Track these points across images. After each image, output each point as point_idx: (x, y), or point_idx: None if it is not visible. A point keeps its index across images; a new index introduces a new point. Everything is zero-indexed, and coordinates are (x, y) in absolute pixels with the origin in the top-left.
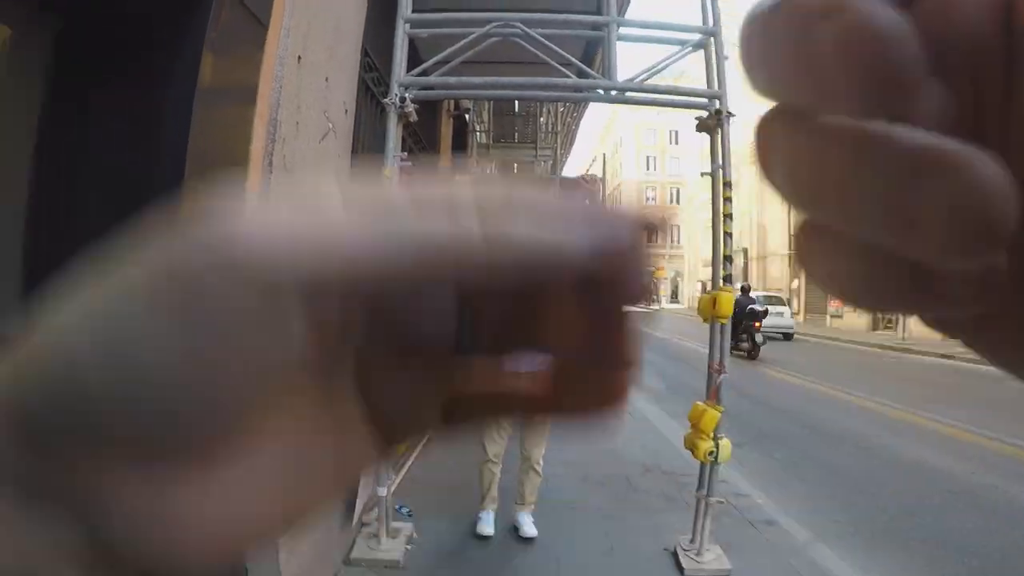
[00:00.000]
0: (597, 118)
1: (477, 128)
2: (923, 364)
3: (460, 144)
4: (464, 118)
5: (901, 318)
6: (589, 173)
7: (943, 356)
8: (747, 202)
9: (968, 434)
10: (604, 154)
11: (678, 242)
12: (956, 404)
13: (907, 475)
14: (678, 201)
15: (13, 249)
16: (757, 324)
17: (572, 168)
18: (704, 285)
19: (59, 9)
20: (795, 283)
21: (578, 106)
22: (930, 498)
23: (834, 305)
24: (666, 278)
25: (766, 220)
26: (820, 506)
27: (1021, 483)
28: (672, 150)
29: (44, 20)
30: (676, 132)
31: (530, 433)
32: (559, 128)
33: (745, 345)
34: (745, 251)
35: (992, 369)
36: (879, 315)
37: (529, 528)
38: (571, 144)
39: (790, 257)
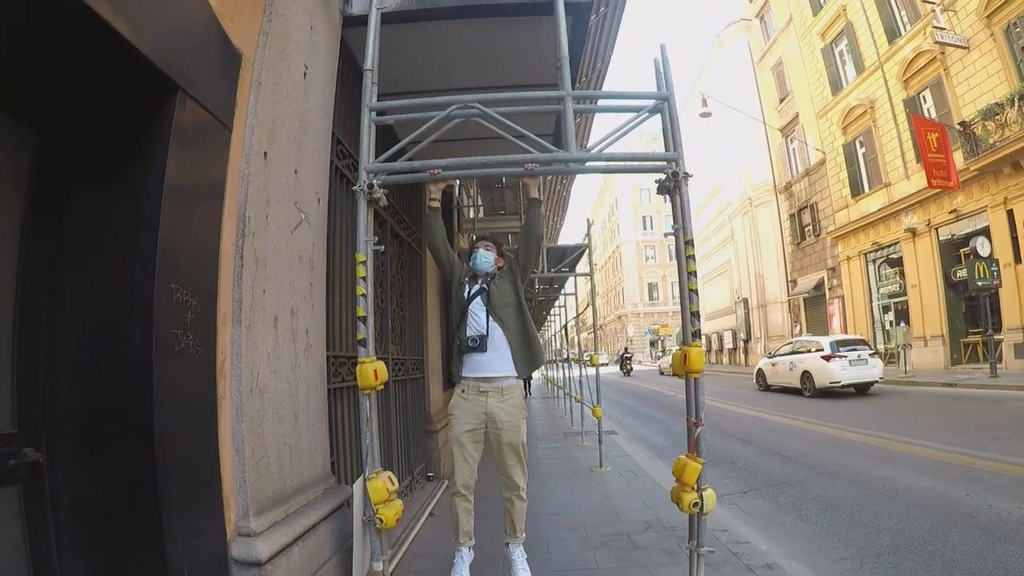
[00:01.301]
0: (592, 183)
1: (467, 203)
2: (923, 394)
3: (448, 220)
4: (451, 194)
5: (903, 353)
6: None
7: (945, 385)
8: (743, 253)
9: (960, 456)
10: (588, 220)
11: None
12: (950, 429)
13: (904, 504)
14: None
15: (1, 346)
16: (628, 362)
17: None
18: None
19: (36, 123)
20: (797, 328)
21: (563, 175)
22: (928, 524)
23: None
24: (671, 335)
25: (763, 269)
26: (824, 545)
27: (1014, 499)
28: (667, 208)
29: (24, 132)
30: None
31: (505, 458)
32: (545, 197)
33: (624, 370)
34: (745, 301)
35: (991, 392)
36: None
37: (522, 572)
38: (563, 211)
39: (789, 304)
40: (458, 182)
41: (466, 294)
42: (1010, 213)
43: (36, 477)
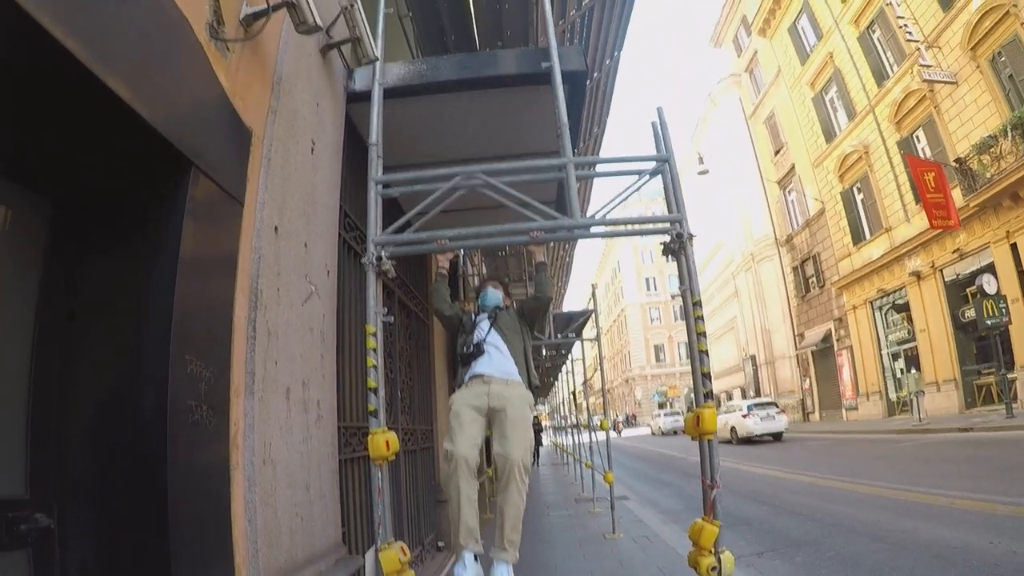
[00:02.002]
0: (594, 247)
1: (471, 271)
2: (939, 441)
3: (453, 289)
4: (456, 263)
5: (916, 400)
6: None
7: (961, 430)
8: (748, 309)
9: (982, 503)
10: (593, 284)
11: (686, 359)
12: (968, 475)
13: (926, 557)
14: (682, 318)
15: (15, 413)
16: (619, 424)
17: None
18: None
19: (49, 191)
20: (806, 383)
21: (566, 241)
22: None
23: (847, 397)
24: (679, 396)
25: (770, 324)
26: None
27: None
28: (671, 268)
29: (38, 201)
30: None
31: (506, 429)
32: (549, 262)
33: (617, 431)
34: (753, 358)
35: (1008, 433)
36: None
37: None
38: (567, 276)
39: (798, 358)
40: (462, 251)
41: (473, 319)
42: (1014, 247)
43: (47, 543)
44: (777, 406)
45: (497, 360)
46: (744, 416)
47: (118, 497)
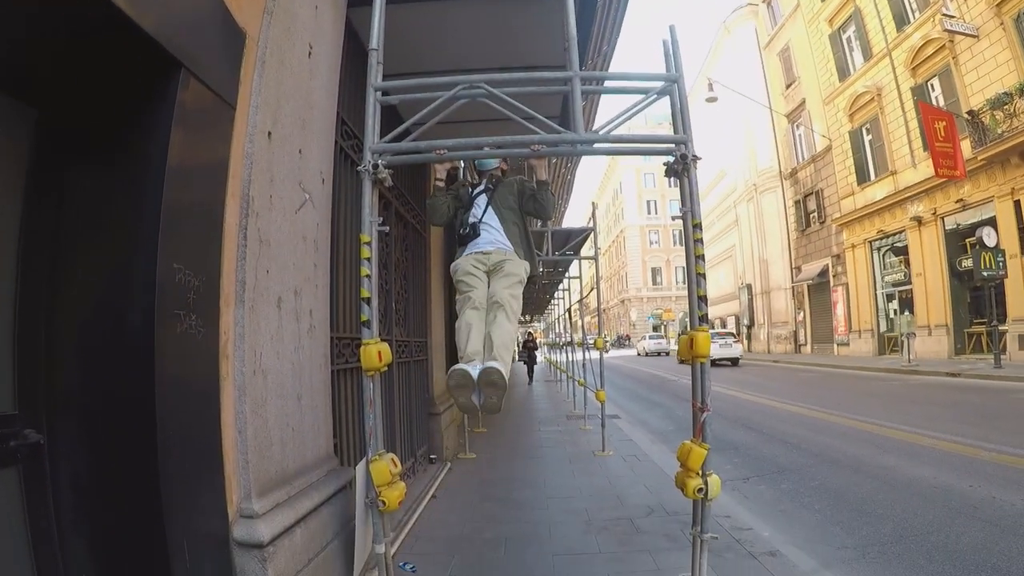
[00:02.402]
0: (596, 168)
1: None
2: (926, 384)
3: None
4: (455, 176)
5: (907, 341)
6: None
7: (949, 375)
8: (748, 238)
9: (964, 447)
10: (594, 204)
11: (683, 282)
12: (953, 419)
13: (906, 494)
14: (681, 243)
15: (2, 326)
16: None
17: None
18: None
19: (35, 100)
20: (800, 315)
21: (568, 157)
22: (931, 515)
23: (840, 333)
24: (674, 320)
25: (768, 255)
26: (827, 533)
27: (1018, 491)
28: (672, 193)
29: (23, 111)
30: None
31: (500, 280)
32: (551, 181)
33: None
34: (749, 287)
35: (994, 383)
36: (885, 339)
37: (492, 362)
38: (568, 194)
39: (793, 291)
40: (462, 165)
41: (471, 193)
42: (1017, 204)
43: (37, 458)
44: (735, 336)
45: (495, 237)
46: None
47: (107, 409)
